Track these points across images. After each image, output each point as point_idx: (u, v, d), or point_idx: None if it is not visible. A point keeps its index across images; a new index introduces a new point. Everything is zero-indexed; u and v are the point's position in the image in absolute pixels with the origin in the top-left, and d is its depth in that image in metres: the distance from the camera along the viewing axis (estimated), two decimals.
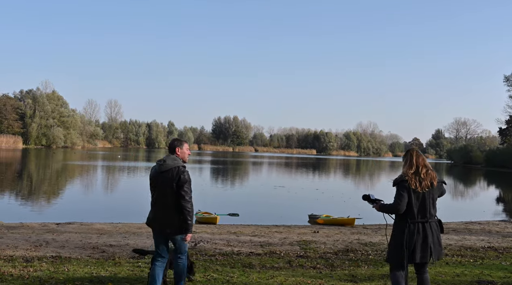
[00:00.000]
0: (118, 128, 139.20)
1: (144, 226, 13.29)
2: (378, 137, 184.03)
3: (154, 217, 5.42)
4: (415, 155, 5.19)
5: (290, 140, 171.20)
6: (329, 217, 16.15)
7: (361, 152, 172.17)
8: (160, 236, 5.44)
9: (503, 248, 10.28)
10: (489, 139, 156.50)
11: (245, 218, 16.27)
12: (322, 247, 10.03)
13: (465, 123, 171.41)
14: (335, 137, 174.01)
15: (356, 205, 22.09)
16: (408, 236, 4.91)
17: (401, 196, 4.95)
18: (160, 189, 5.35)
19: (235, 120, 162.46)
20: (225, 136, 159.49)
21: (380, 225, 15.78)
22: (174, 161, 5.39)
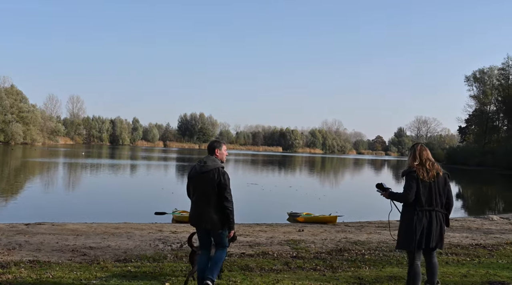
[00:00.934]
0: (81, 124, 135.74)
1: (121, 226, 12.73)
2: (343, 135, 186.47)
3: (196, 215, 5.66)
4: (419, 149, 5.52)
5: (256, 137, 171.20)
6: (310, 215, 15.89)
7: (326, 150, 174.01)
8: (204, 233, 5.71)
9: (491, 245, 10.22)
10: (448, 137, 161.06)
11: None
12: (313, 247, 9.73)
13: (426, 121, 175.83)
14: (301, 134, 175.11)
15: (331, 203, 22.02)
16: (416, 222, 5.23)
17: (410, 186, 5.27)
18: (201, 189, 5.61)
19: (201, 117, 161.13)
20: (191, 133, 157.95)
21: (361, 222, 15.69)
22: (214, 162, 5.67)
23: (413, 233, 5.22)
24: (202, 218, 5.59)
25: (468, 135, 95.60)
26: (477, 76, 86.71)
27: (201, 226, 5.66)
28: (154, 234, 11.23)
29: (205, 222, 5.56)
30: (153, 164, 53.77)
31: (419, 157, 5.44)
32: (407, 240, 5.30)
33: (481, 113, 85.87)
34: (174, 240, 10.21)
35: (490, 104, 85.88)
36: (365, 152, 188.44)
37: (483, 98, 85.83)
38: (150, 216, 15.57)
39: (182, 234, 11.33)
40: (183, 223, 14.43)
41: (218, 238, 5.67)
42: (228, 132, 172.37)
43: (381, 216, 17.37)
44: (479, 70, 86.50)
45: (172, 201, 19.40)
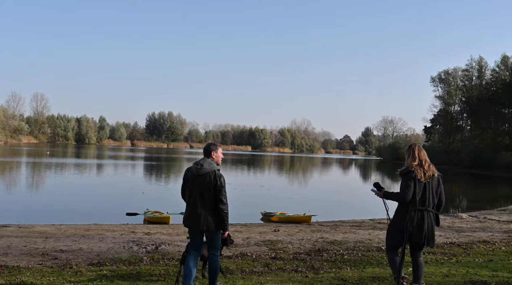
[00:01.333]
0: (45, 122, 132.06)
1: (92, 228, 12.35)
2: (312, 134, 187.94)
3: (191, 216, 5.68)
4: (417, 149, 5.67)
5: (225, 136, 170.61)
6: (284, 215, 15.81)
7: (295, 149, 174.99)
8: (196, 233, 5.74)
9: (464, 244, 10.34)
10: (413, 137, 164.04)
11: None
12: (291, 247, 9.63)
13: (392, 121, 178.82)
14: (270, 134, 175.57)
15: (303, 202, 22.03)
16: (408, 221, 5.39)
17: (408, 186, 5.41)
18: (197, 191, 5.65)
19: (169, 115, 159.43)
20: (160, 132, 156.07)
21: (335, 221, 15.71)
22: (210, 165, 5.71)
23: (405, 230, 5.39)
24: (197, 219, 5.63)
25: (433, 134, 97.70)
26: (442, 77, 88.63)
27: (196, 228, 5.68)
28: (127, 235, 10.92)
29: (201, 224, 5.61)
30: (121, 163, 52.84)
31: (418, 157, 5.58)
32: (398, 237, 5.47)
33: (445, 113, 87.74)
34: (148, 242, 9.93)
35: (454, 105, 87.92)
36: (333, 151, 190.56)
37: (447, 98, 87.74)
38: (121, 217, 15.19)
39: (156, 235, 11.07)
40: (155, 224, 14.15)
41: (212, 239, 5.75)
42: (197, 131, 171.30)
43: (354, 215, 17.53)
44: (444, 71, 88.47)
45: (143, 201, 19.03)
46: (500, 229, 13.49)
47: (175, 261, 7.79)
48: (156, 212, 15.43)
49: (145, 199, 20.23)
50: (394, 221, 5.64)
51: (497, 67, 78.86)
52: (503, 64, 77.76)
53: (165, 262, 7.67)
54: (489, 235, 12.02)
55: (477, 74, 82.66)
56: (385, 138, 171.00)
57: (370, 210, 19.90)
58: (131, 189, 23.91)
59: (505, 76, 76.75)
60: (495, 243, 10.42)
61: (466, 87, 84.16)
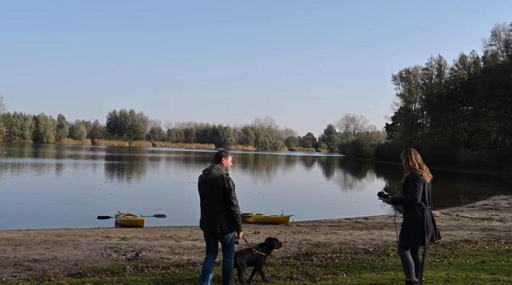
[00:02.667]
0: (0, 121, 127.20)
1: (63, 233, 11.71)
2: (275, 132, 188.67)
3: (205, 219, 5.93)
4: (414, 154, 5.99)
5: (189, 134, 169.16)
6: (261, 215, 15.51)
7: (259, 147, 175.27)
8: (210, 236, 5.94)
9: (448, 244, 10.30)
10: (374, 134, 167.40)
11: (172, 219, 15.10)
12: (276, 251, 9.30)
13: (354, 119, 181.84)
14: (234, 132, 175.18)
15: (276, 201, 21.84)
16: (427, 220, 5.68)
17: (418, 188, 5.68)
18: (208, 195, 5.88)
19: (131, 113, 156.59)
20: (121, 130, 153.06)
21: (312, 222, 15.56)
22: (219, 170, 5.92)
23: (425, 229, 5.65)
24: (211, 222, 5.85)
25: (395, 132, 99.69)
26: (403, 76, 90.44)
27: (210, 231, 5.89)
28: (102, 241, 10.38)
29: (214, 227, 5.81)
30: (83, 163, 51.34)
31: (417, 161, 5.92)
32: (417, 237, 5.68)
33: (406, 111, 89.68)
34: (127, 248, 9.43)
35: (415, 102, 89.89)
36: (297, 149, 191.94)
37: (408, 96, 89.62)
38: (92, 220, 14.52)
39: (133, 240, 10.56)
40: (129, 227, 13.60)
41: (225, 241, 5.89)
42: (160, 129, 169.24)
43: (330, 214, 17.45)
44: (405, 69, 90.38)
45: (112, 203, 18.39)
46: (476, 227, 13.63)
47: (160, 269, 7.37)
48: (128, 214, 14.85)
49: (114, 201, 19.55)
50: (409, 222, 5.78)
51: (456, 66, 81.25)
52: (461, 63, 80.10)
53: (150, 271, 7.24)
54: (468, 234, 12.10)
55: (436, 73, 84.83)
56: (347, 136, 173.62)
57: (344, 209, 19.96)
58: (98, 190, 23.10)
59: (463, 75, 79.10)
60: (477, 242, 10.45)
61: (426, 86, 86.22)
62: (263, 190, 27.17)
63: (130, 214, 14.91)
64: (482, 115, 72.22)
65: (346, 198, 26.98)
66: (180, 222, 14.65)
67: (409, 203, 5.73)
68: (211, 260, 5.96)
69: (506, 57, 67.03)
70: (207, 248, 6.05)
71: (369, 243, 10.54)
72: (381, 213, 18.99)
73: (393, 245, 9.99)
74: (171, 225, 14.31)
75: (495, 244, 10.30)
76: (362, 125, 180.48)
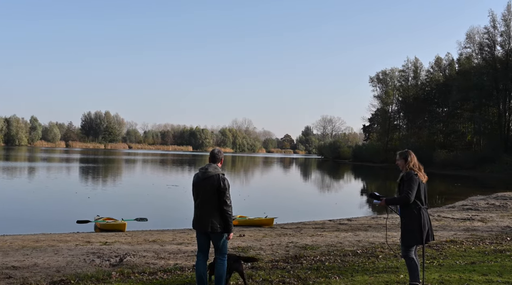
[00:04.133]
0: None
1: (41, 238, 11.36)
2: (253, 134, 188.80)
3: (198, 218, 5.95)
4: (412, 155, 6.10)
5: (165, 136, 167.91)
6: (245, 218, 15.37)
7: (237, 148, 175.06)
8: (202, 236, 5.97)
9: (435, 245, 10.27)
10: (351, 135, 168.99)
11: (154, 222, 14.83)
12: (264, 254, 9.21)
13: (331, 120, 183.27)
14: (211, 133, 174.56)
15: (258, 203, 21.72)
16: (424, 219, 5.79)
17: (413, 188, 5.78)
18: (203, 194, 5.89)
19: (106, 115, 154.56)
20: (96, 132, 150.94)
21: (296, 223, 15.49)
22: (215, 169, 5.95)
23: (422, 228, 5.76)
24: (203, 221, 5.86)
25: (372, 133, 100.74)
26: (380, 77, 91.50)
27: (202, 229, 5.91)
28: (84, 246, 10.08)
29: (206, 225, 5.83)
30: (57, 166, 50.29)
31: (415, 162, 6.04)
32: (416, 236, 5.79)
33: (384, 112, 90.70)
34: (110, 253, 9.17)
35: (392, 104, 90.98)
36: (275, 151, 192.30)
37: (385, 98, 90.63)
38: (71, 225, 14.17)
39: (115, 245, 10.29)
40: (109, 232, 13.30)
41: (218, 242, 5.91)
42: (136, 131, 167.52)
43: (313, 216, 17.41)
44: (382, 71, 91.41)
45: (91, 207, 18.02)
46: (459, 228, 13.76)
47: (147, 275, 7.17)
48: (108, 218, 14.53)
49: (92, 204, 19.14)
50: (407, 222, 5.88)
51: (431, 68, 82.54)
52: (436, 65, 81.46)
53: (137, 277, 7.03)
54: (453, 234, 12.19)
55: (413, 74, 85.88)
56: (324, 137, 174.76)
57: (326, 211, 19.96)
58: (75, 194, 22.61)
59: (439, 76, 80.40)
60: (463, 243, 10.53)
61: (402, 87, 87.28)
62: (244, 192, 26.99)
63: (110, 218, 14.60)
64: (458, 117, 73.48)
65: (327, 200, 27.02)
66: (162, 226, 14.41)
67: (403, 203, 5.84)
68: (204, 262, 5.95)
69: (480, 60, 68.36)
70: (198, 249, 6.04)
71: (356, 245, 10.51)
72: (363, 214, 19.07)
73: (380, 247, 9.98)
74: (153, 228, 14.05)
75: (481, 244, 10.39)
76: (340, 127, 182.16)
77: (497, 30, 63.86)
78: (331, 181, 46.96)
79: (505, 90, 62.55)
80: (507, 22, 62.30)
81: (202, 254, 5.98)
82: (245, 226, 14.64)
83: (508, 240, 11.03)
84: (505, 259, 8.30)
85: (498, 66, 62.91)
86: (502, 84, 62.39)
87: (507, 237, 11.52)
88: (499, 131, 63.26)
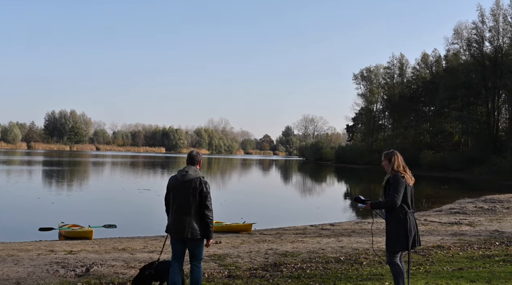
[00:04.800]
0: None
1: (0, 248, 11.13)
2: (230, 134, 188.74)
3: (175, 223, 5.92)
4: (398, 156, 6.11)
5: (136, 137, 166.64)
6: (221, 223, 15.34)
7: (213, 150, 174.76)
8: (179, 242, 5.98)
9: (421, 250, 10.46)
10: (334, 136, 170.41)
11: (123, 229, 14.69)
12: (242, 262, 9.22)
13: (313, 120, 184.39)
14: (186, 134, 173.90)
15: (236, 208, 21.70)
16: (410, 223, 5.81)
17: (399, 191, 5.81)
18: (182, 198, 5.90)
19: (72, 114, 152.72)
20: (61, 133, 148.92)
21: (276, 229, 15.54)
22: (196, 172, 6.03)
23: (408, 233, 5.78)
24: (182, 226, 5.86)
25: (356, 133, 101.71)
26: (364, 75, 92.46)
27: (180, 235, 5.89)
28: (47, 255, 9.93)
29: (185, 231, 5.83)
30: (19, 169, 49.40)
31: (401, 163, 6.06)
32: (401, 241, 5.80)
33: (368, 112, 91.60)
34: (75, 263, 9.05)
35: (377, 102, 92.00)
36: (253, 152, 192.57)
37: (369, 96, 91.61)
38: (32, 232, 13.92)
39: (81, 254, 10.17)
40: (75, 240, 13.14)
41: (195, 248, 5.98)
42: (104, 131, 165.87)
43: (294, 222, 17.47)
44: (366, 68, 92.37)
45: (55, 213, 17.78)
46: (447, 232, 13.97)
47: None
48: (74, 225, 14.35)
49: (56, 211, 18.87)
50: (392, 227, 5.89)
51: (418, 65, 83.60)
52: (423, 62, 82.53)
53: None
54: (440, 239, 12.37)
55: (398, 71, 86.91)
56: (306, 138, 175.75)
57: (308, 216, 20.06)
58: (38, 199, 22.24)
59: (425, 74, 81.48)
60: (450, 248, 10.71)
61: (388, 85, 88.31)
62: (220, 196, 26.91)
63: (76, 225, 14.42)
64: (445, 116, 74.54)
65: (308, 204, 27.15)
66: (132, 233, 14.29)
67: (389, 207, 5.86)
68: (179, 271, 5.96)
69: (468, 56, 69.48)
70: (173, 257, 6.03)
71: (339, 251, 10.59)
72: (346, 219, 19.21)
73: (365, 253, 10.08)
74: (123, 236, 13.94)
75: (469, 249, 10.58)
76: (322, 127, 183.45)
77: (485, 25, 65.02)
78: (312, 184, 47.23)
79: (494, 88, 63.59)
80: (496, 17, 63.40)
81: (178, 262, 5.98)
82: (222, 232, 14.62)
83: (497, 245, 11.25)
84: (494, 265, 8.47)
85: (487, 63, 63.98)
86: (490, 82, 63.51)
87: (496, 241, 11.76)
88: (488, 131, 64.40)
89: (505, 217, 18.05)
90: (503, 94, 64.29)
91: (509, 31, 62.61)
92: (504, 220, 17.04)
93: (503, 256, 9.50)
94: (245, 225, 14.92)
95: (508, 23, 62.67)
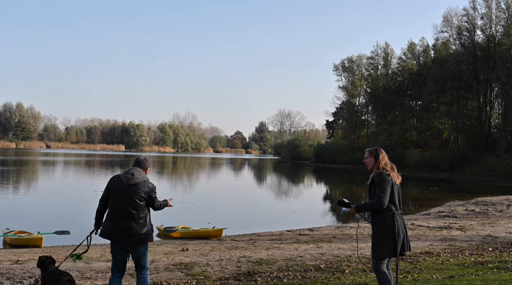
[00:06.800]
0: None
1: None
2: (198, 131, 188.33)
3: (114, 228, 6.00)
4: (383, 153, 6.22)
5: (92, 133, 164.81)
6: (188, 229, 15.30)
7: (179, 148, 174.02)
8: (120, 249, 6.10)
9: (409, 257, 10.58)
10: (313, 132, 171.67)
11: (78, 236, 14.47)
12: (211, 271, 9.20)
13: (289, 115, 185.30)
14: (148, 130, 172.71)
15: (203, 212, 21.65)
16: (398, 227, 5.84)
17: (386, 190, 5.86)
18: (126, 201, 6.01)
19: (18, 107, 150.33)
20: (5, 128, 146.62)
21: (249, 235, 15.56)
22: (141, 174, 6.21)
23: (396, 236, 5.81)
24: (125, 232, 5.96)
25: (336, 130, 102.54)
26: (346, 65, 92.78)
27: (122, 241, 6.03)
28: None
29: (129, 237, 5.97)
30: None
31: (386, 160, 6.16)
32: (389, 246, 5.83)
33: (350, 106, 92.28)
34: (22, 274, 8.92)
35: (359, 96, 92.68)
36: (224, 150, 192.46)
37: (351, 89, 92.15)
38: None
39: (29, 263, 10.03)
40: (22, 248, 12.93)
41: (139, 257, 6.10)
42: (55, 127, 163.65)
43: (269, 227, 17.53)
44: (348, 58, 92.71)
45: None
46: (436, 237, 14.20)
47: None
48: (21, 232, 14.13)
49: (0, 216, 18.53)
50: (379, 230, 5.92)
51: (404, 55, 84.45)
52: (409, 52, 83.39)
53: None
54: (428, 245, 12.56)
55: (383, 62, 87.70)
56: (281, 134, 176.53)
57: (284, 220, 20.16)
58: None
59: (412, 65, 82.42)
60: (440, 255, 10.88)
61: (371, 77, 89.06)
62: (187, 200, 26.85)
63: (23, 231, 14.21)
64: (433, 111, 75.39)
65: (284, 207, 27.26)
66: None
67: (376, 209, 5.89)
68: (119, 282, 6.10)
69: (459, 46, 70.36)
70: (113, 266, 6.16)
71: (319, 258, 10.66)
72: (327, 223, 19.36)
73: (347, 260, 10.17)
74: (77, 243, 13.72)
75: (460, 256, 10.76)
76: (299, 122, 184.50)
77: (477, 12, 65.73)
78: (289, 185, 47.45)
79: (486, 81, 64.41)
80: (488, 3, 64.25)
81: (119, 273, 6.14)
82: (189, 238, 14.63)
83: (490, 250, 11.48)
84: (487, 272, 8.63)
85: (479, 53, 64.82)
86: (482, 74, 64.44)
87: (489, 247, 11.99)
88: (479, 128, 65.42)
89: (498, 221, 18.44)
90: (496, 87, 65.21)
91: (503, 19, 63.54)
92: (497, 224, 17.40)
93: (496, 263, 9.69)
94: (215, 231, 14.91)
95: (502, 10, 63.56)
